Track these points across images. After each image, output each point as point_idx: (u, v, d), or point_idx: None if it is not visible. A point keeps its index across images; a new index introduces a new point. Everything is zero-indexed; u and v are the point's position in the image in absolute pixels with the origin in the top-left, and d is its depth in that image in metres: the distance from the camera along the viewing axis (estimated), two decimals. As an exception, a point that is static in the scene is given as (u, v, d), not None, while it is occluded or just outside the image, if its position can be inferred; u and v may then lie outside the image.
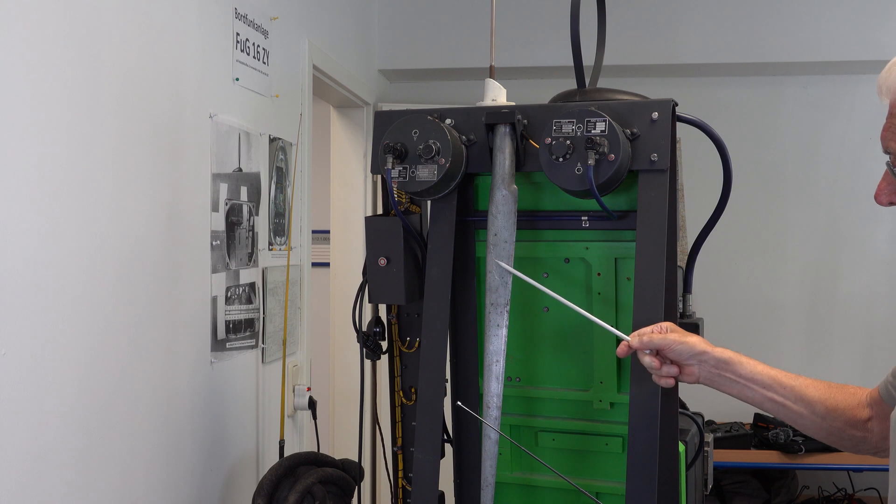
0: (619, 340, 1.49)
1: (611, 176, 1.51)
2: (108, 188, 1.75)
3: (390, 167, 1.60)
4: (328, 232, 3.91)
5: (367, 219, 1.78)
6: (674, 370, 1.44)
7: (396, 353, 1.87)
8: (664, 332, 1.44)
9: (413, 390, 1.85)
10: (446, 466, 1.74)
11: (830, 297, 4.19)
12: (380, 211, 1.88)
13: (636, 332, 1.46)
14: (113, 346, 1.77)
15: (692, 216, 3.93)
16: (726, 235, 3.01)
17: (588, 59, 1.79)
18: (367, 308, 1.91)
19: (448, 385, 1.79)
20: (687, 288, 1.90)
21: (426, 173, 1.60)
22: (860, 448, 1.51)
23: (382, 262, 1.73)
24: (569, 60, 1.75)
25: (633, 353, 1.47)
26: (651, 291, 1.53)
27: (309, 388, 2.79)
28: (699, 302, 1.99)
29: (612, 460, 1.73)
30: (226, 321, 2.27)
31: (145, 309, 1.89)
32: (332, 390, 3.90)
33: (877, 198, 1.35)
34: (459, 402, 1.66)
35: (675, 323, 1.63)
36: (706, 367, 1.45)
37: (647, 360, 1.43)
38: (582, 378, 1.74)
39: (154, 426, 1.93)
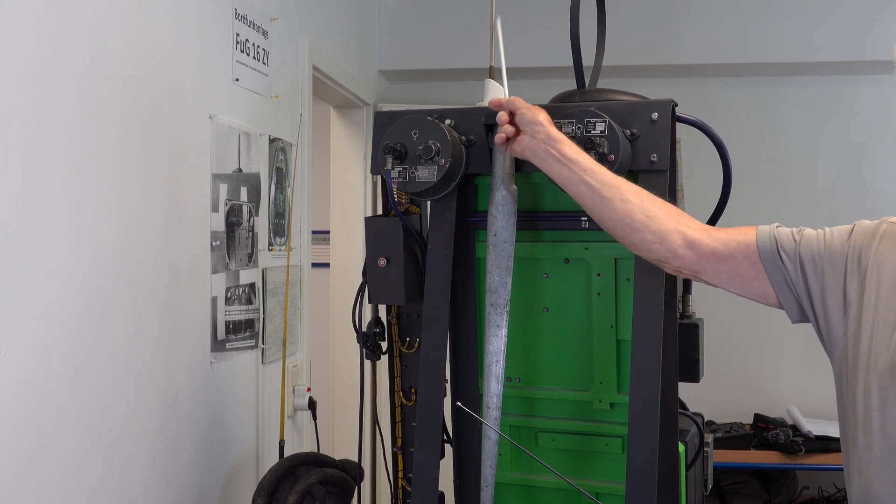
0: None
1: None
2: (107, 188, 1.75)
3: (390, 168, 1.60)
4: (328, 232, 3.91)
5: (366, 219, 1.78)
6: (510, 130, 1.51)
7: (396, 353, 1.87)
8: (532, 107, 1.53)
9: (413, 391, 1.85)
10: (446, 467, 1.74)
11: (830, 298, 4.18)
12: (380, 211, 1.89)
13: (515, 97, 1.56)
14: (113, 346, 1.77)
15: (692, 216, 3.92)
16: (726, 236, 3.01)
17: (588, 59, 1.79)
18: (367, 308, 1.91)
19: (448, 385, 1.79)
20: (687, 288, 1.90)
21: (426, 174, 1.60)
22: (654, 249, 1.43)
23: (382, 262, 1.73)
24: (568, 61, 1.75)
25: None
26: (651, 291, 1.53)
27: (309, 389, 2.79)
28: (699, 302, 1.99)
29: (612, 461, 1.73)
30: (226, 321, 2.27)
31: (145, 309, 1.89)
32: (332, 391, 3.90)
33: None
34: (459, 403, 1.66)
35: (675, 323, 1.63)
36: (535, 141, 1.49)
37: (502, 115, 1.52)
38: (582, 378, 1.74)
39: (154, 426, 1.93)
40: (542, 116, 1.50)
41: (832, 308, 1.32)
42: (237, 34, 2.36)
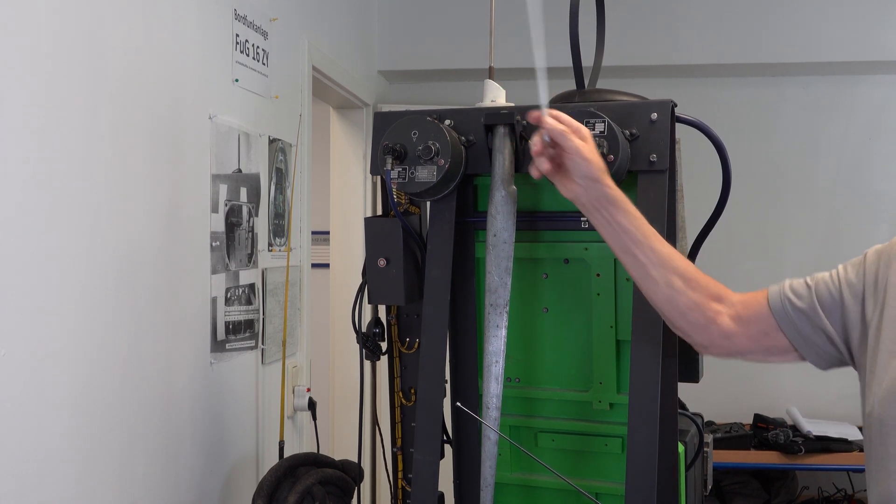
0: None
1: (610, 177, 1.51)
2: (107, 189, 1.75)
3: (389, 168, 1.60)
4: (328, 233, 3.91)
5: (366, 220, 1.78)
6: (546, 167, 1.37)
7: (396, 353, 1.87)
8: (580, 134, 1.37)
9: (413, 391, 1.85)
10: (446, 467, 1.74)
11: (830, 298, 4.18)
12: (379, 212, 1.89)
13: (556, 113, 1.38)
14: (113, 346, 1.77)
15: (692, 217, 3.94)
16: (726, 236, 3.01)
17: (587, 59, 1.79)
18: (367, 309, 1.91)
19: (447, 386, 1.79)
20: (686, 288, 1.90)
21: (425, 174, 1.60)
22: (694, 336, 1.45)
23: (382, 262, 1.73)
24: (568, 61, 1.75)
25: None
26: (650, 292, 1.53)
27: (309, 389, 2.79)
28: (699, 302, 1.99)
29: (612, 461, 1.73)
30: (225, 322, 2.27)
31: (145, 310, 1.89)
32: (332, 391, 3.90)
33: None
34: (459, 403, 1.66)
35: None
36: (589, 196, 1.39)
37: (536, 139, 1.36)
38: (581, 379, 1.74)
39: (154, 426, 1.93)
40: (599, 165, 1.38)
41: (853, 332, 1.34)
42: (237, 35, 2.36)
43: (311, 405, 2.71)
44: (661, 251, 1.42)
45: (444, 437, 1.79)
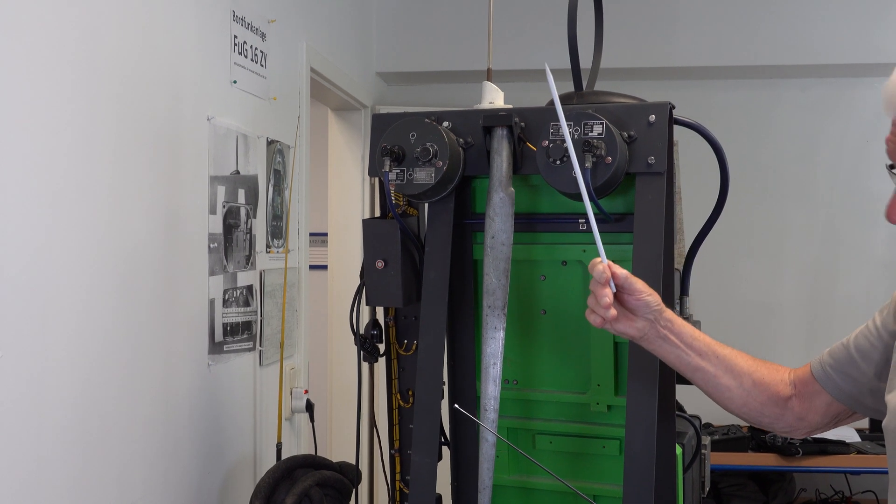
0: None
1: (608, 178, 1.51)
2: (106, 190, 1.75)
3: (388, 170, 1.60)
4: (326, 235, 3.91)
5: (364, 221, 1.78)
6: (613, 313, 1.35)
7: (394, 355, 1.87)
8: (646, 285, 1.39)
9: (410, 393, 1.85)
10: (444, 469, 1.74)
11: (828, 300, 4.19)
12: (377, 213, 1.89)
13: (611, 264, 1.36)
14: (111, 348, 1.77)
15: (690, 219, 3.94)
16: (724, 238, 3.01)
17: (585, 61, 1.79)
18: (365, 310, 1.91)
19: (445, 388, 1.79)
20: (684, 290, 1.90)
21: (423, 176, 1.60)
22: (774, 426, 1.52)
23: (380, 264, 1.73)
24: (566, 63, 1.76)
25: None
26: (648, 294, 1.53)
27: (306, 391, 2.79)
28: (696, 304, 1.99)
29: (610, 463, 1.73)
30: (223, 324, 2.27)
31: (143, 311, 1.89)
32: (330, 393, 3.89)
33: (888, 216, 1.31)
34: (457, 405, 1.66)
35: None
36: (655, 327, 1.40)
37: (606, 291, 1.34)
38: (579, 381, 1.74)
39: (152, 428, 1.93)
40: (658, 298, 1.39)
41: (885, 368, 1.40)
42: (235, 36, 2.36)
43: (309, 407, 2.71)
44: (724, 355, 1.46)
45: (442, 439, 1.79)
